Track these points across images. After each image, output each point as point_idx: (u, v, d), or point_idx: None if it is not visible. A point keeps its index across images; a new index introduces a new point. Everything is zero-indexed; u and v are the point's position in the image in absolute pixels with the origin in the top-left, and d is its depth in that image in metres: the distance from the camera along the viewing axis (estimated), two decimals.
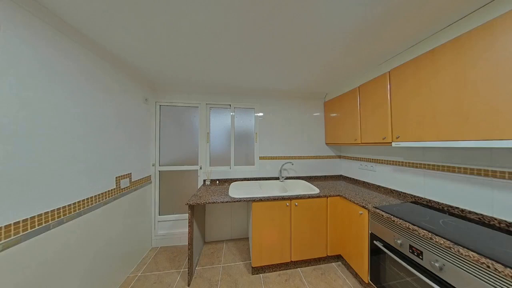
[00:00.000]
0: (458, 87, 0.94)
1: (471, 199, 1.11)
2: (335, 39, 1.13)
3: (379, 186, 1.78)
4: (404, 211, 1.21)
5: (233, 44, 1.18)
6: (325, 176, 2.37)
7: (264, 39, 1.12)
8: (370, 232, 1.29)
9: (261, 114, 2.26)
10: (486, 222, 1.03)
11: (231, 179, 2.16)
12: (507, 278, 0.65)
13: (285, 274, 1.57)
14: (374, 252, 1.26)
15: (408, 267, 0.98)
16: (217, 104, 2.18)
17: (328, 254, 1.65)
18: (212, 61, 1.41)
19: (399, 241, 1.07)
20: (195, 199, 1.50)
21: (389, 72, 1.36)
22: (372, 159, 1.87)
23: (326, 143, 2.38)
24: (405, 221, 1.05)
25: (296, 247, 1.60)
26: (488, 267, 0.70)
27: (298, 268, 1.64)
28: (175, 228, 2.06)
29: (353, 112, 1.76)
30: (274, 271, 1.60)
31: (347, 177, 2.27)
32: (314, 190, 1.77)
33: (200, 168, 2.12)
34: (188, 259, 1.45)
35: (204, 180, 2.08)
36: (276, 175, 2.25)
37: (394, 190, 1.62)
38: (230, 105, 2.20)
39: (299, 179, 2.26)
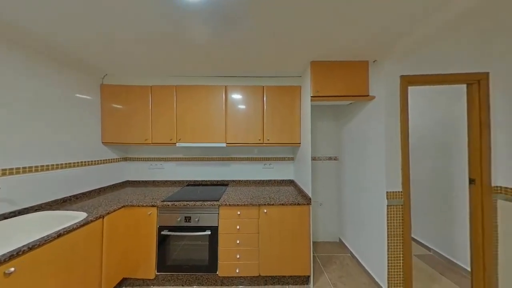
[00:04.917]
0: (203, 114, 1.69)
1: (209, 174, 2.04)
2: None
3: (167, 181, 2.05)
4: (183, 194, 1.61)
5: None
6: (104, 188, 1.76)
7: None
8: (158, 226, 1.41)
9: None
10: (214, 184, 1.96)
11: None
12: (213, 207, 1.36)
13: None
14: (161, 241, 1.41)
15: (184, 233, 1.35)
16: None
17: None
18: None
19: (179, 219, 1.39)
20: None
21: (175, 86, 1.70)
22: (161, 158, 2.08)
23: (103, 142, 1.78)
24: (181, 201, 1.41)
25: None
26: (212, 205, 1.36)
27: None
28: None
29: (145, 110, 1.72)
30: None
31: (135, 181, 2.06)
32: (74, 219, 1.11)
33: None
34: None
35: None
36: None
37: (177, 180, 2.04)
38: None
39: (38, 210, 1.20)
